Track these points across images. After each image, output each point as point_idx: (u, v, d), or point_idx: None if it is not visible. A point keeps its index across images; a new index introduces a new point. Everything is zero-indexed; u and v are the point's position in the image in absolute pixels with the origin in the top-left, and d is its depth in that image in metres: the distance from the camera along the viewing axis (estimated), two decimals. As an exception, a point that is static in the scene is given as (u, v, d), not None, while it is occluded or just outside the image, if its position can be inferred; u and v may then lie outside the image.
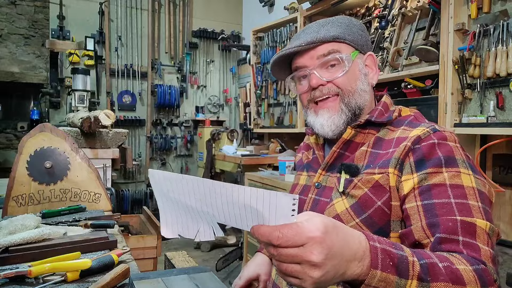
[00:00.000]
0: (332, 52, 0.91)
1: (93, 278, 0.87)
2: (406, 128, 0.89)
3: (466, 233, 0.71)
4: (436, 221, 0.74)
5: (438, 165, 0.79)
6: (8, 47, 4.92)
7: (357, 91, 0.93)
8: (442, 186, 0.77)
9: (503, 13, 1.65)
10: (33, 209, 1.36)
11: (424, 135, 0.83)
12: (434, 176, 0.78)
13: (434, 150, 0.80)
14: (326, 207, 0.90)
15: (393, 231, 0.83)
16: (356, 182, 0.87)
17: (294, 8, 3.56)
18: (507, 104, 1.63)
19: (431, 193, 0.77)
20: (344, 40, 0.92)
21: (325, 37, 0.91)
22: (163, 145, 5.10)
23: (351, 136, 0.93)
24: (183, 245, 4.62)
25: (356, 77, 0.93)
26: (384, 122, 0.92)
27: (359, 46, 0.95)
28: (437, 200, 0.76)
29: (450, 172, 0.78)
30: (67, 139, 1.49)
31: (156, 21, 5.05)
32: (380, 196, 0.83)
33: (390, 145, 0.88)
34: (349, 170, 0.89)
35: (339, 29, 0.93)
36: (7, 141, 5.27)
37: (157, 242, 1.79)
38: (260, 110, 3.90)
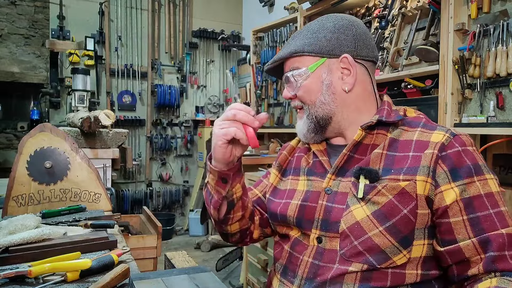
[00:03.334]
0: (292, 68, 0.96)
1: (93, 278, 0.87)
2: (424, 131, 0.87)
3: (511, 246, 0.77)
4: (487, 238, 0.77)
5: (470, 174, 0.81)
6: (8, 47, 4.92)
7: (316, 104, 0.94)
8: (480, 197, 0.80)
9: (503, 13, 1.65)
10: (33, 209, 1.36)
11: (446, 141, 0.83)
12: (470, 187, 0.80)
13: (462, 158, 0.82)
14: (342, 214, 0.86)
15: (417, 239, 0.82)
16: (380, 189, 0.83)
17: (294, 8, 3.56)
18: (507, 104, 1.63)
19: (473, 206, 0.79)
20: (302, 53, 0.93)
21: (283, 56, 0.97)
22: (163, 145, 5.10)
23: (361, 138, 0.90)
24: (183, 245, 4.62)
25: (316, 90, 0.93)
26: (394, 122, 0.90)
27: (325, 52, 0.92)
28: (480, 213, 0.79)
29: (480, 181, 0.81)
30: (67, 139, 1.49)
31: (156, 21, 5.05)
32: (406, 204, 0.81)
33: (408, 148, 0.85)
34: (370, 175, 0.84)
35: (302, 41, 0.94)
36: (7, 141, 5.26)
37: (157, 242, 1.78)
38: (260, 110, 3.90)
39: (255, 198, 1.14)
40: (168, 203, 5.19)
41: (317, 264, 0.86)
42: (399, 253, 0.81)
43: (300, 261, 0.90)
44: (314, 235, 0.89)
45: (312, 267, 0.87)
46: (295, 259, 0.91)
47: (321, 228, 0.89)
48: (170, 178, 5.20)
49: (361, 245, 0.82)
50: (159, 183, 5.18)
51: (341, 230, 0.85)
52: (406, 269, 0.82)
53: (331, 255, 0.86)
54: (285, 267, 0.93)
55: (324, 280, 0.84)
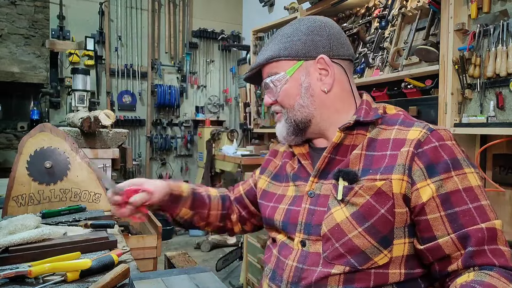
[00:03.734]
0: (270, 74, 0.96)
1: (93, 278, 0.87)
2: (401, 128, 0.87)
3: (490, 240, 0.76)
4: (465, 233, 0.76)
5: (447, 169, 0.80)
6: (8, 47, 4.92)
7: (294, 108, 0.94)
8: (458, 192, 0.79)
9: (503, 13, 1.65)
10: (33, 209, 1.36)
11: (423, 138, 0.82)
12: (447, 182, 0.79)
13: (439, 154, 0.81)
14: (323, 216, 0.86)
15: (397, 238, 0.82)
16: (357, 190, 0.83)
17: (294, 8, 3.56)
18: (507, 104, 1.63)
19: (451, 201, 0.78)
20: (278, 58, 0.94)
21: (260, 62, 0.98)
22: (163, 145, 5.10)
23: (341, 139, 0.90)
24: (183, 245, 4.62)
25: (295, 93, 0.94)
26: (373, 121, 0.90)
27: (301, 55, 0.93)
28: (458, 209, 0.78)
29: (459, 176, 0.80)
30: (67, 139, 1.49)
31: (156, 21, 5.05)
32: (384, 204, 0.81)
33: (386, 147, 0.85)
34: (348, 176, 0.85)
35: (277, 46, 0.95)
36: (7, 141, 5.27)
37: (157, 242, 1.79)
38: (260, 110, 3.90)
39: (238, 195, 1.20)
40: (168, 203, 5.18)
41: (301, 267, 0.87)
42: (380, 253, 0.81)
43: (286, 265, 0.90)
44: (298, 238, 0.90)
45: (296, 271, 0.87)
46: (282, 263, 0.92)
47: (304, 231, 0.89)
48: (170, 178, 5.20)
49: (342, 247, 0.83)
50: (159, 183, 5.17)
51: (322, 233, 0.85)
52: (389, 269, 0.82)
53: (314, 258, 0.86)
54: (273, 272, 0.94)
55: (309, 283, 0.84)
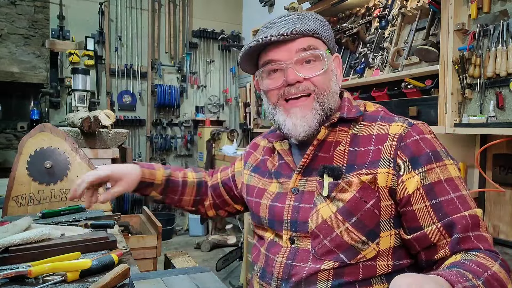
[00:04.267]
0: (311, 47, 0.86)
1: (93, 278, 0.87)
2: (382, 124, 0.87)
3: (474, 227, 0.78)
4: (451, 221, 0.78)
5: (429, 161, 0.81)
6: (8, 47, 4.92)
7: (331, 92, 0.89)
8: (440, 183, 0.80)
9: (503, 13, 1.65)
10: (33, 209, 1.36)
11: (404, 132, 0.83)
12: (430, 173, 0.81)
13: (420, 146, 0.82)
14: (309, 213, 0.86)
15: (383, 230, 0.83)
16: (343, 185, 0.83)
17: (294, 8, 3.55)
18: (507, 104, 1.63)
19: (435, 192, 0.80)
20: (321, 36, 0.88)
21: (306, 30, 0.85)
22: (163, 145, 5.10)
23: (324, 136, 0.89)
24: (183, 245, 4.62)
25: (330, 77, 0.90)
26: (356, 118, 0.89)
27: (330, 45, 0.92)
28: (442, 198, 0.80)
29: (440, 167, 0.82)
30: (67, 139, 1.49)
31: (156, 21, 5.05)
32: (369, 198, 0.82)
33: (369, 142, 0.86)
34: (333, 172, 0.84)
35: (316, 24, 0.89)
36: (7, 141, 5.27)
37: (157, 242, 1.79)
38: (260, 110, 3.90)
39: (214, 182, 1.20)
40: (168, 203, 5.18)
41: (290, 264, 0.87)
42: (368, 246, 0.82)
43: (275, 263, 0.90)
44: (286, 236, 0.90)
45: (286, 268, 0.87)
46: (271, 260, 0.91)
47: (291, 229, 0.89)
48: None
49: (330, 243, 0.83)
50: (159, 183, 5.18)
51: (310, 230, 0.85)
52: (377, 261, 0.83)
53: (304, 255, 0.87)
54: (263, 270, 0.94)
55: (299, 280, 0.85)
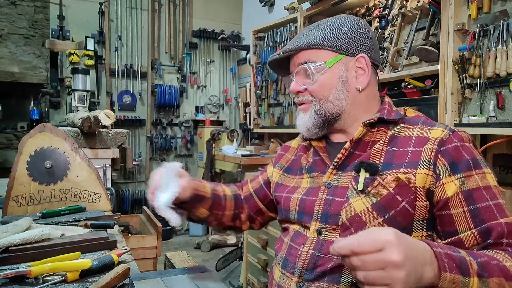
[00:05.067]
0: (308, 61, 0.95)
1: (93, 278, 0.87)
2: (423, 127, 0.90)
3: (509, 235, 0.78)
4: (486, 228, 0.79)
5: (468, 168, 0.83)
6: (8, 47, 4.92)
7: (328, 100, 0.94)
8: (479, 189, 0.82)
9: (503, 13, 1.65)
10: (33, 209, 1.36)
11: (445, 137, 0.85)
12: (469, 180, 0.82)
13: (460, 153, 0.84)
14: (342, 206, 0.88)
15: (415, 230, 0.84)
16: (380, 181, 0.85)
17: (294, 8, 3.55)
18: (507, 104, 1.63)
19: (473, 198, 0.81)
20: (321, 46, 0.94)
21: (300, 46, 0.95)
22: (163, 145, 5.10)
23: (362, 135, 0.93)
24: (183, 245, 4.62)
25: (331, 85, 0.94)
26: (395, 120, 0.93)
27: (344, 49, 0.94)
28: (480, 205, 0.80)
29: (479, 175, 0.83)
30: (67, 139, 1.49)
31: (156, 21, 5.05)
32: (405, 196, 0.83)
33: (408, 143, 0.88)
34: (370, 168, 0.87)
35: (321, 34, 0.95)
36: (7, 141, 5.26)
37: (157, 242, 1.79)
38: (260, 110, 3.90)
39: (247, 194, 1.18)
40: (168, 203, 5.18)
41: (316, 255, 0.88)
42: None
43: (300, 253, 0.91)
44: (314, 227, 0.91)
45: (312, 258, 0.88)
46: (295, 250, 0.93)
47: (321, 220, 0.91)
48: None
49: None
50: (159, 183, 5.17)
51: (341, 222, 0.87)
52: None
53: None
54: (285, 259, 0.95)
55: (324, 270, 0.86)
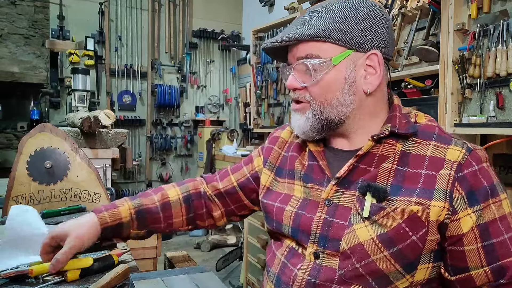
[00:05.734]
0: (310, 56, 0.79)
1: (93, 278, 0.87)
2: (438, 145, 0.79)
3: None
4: (500, 266, 0.74)
5: (486, 198, 0.76)
6: (8, 47, 4.92)
7: (331, 104, 0.80)
8: (495, 222, 0.76)
9: (503, 13, 1.65)
10: (33, 209, 1.36)
11: (463, 160, 0.76)
12: (486, 212, 0.76)
13: (479, 179, 0.76)
14: (343, 231, 0.78)
15: (422, 263, 0.78)
16: (389, 211, 0.75)
17: (294, 8, 3.55)
18: (507, 104, 1.63)
19: (489, 232, 0.75)
20: (327, 38, 0.77)
21: (301, 36, 0.79)
22: (163, 145, 5.10)
23: (369, 148, 0.81)
24: (183, 245, 4.62)
25: (335, 87, 0.80)
26: (407, 134, 0.80)
27: (354, 44, 0.78)
28: (495, 240, 0.75)
29: (495, 203, 0.76)
30: (67, 139, 1.49)
31: (156, 21, 5.05)
32: (416, 230, 0.74)
33: (421, 164, 0.78)
34: (378, 193, 0.76)
35: (328, 23, 0.78)
36: (7, 141, 5.27)
37: (157, 242, 1.79)
38: (260, 110, 3.90)
39: (229, 187, 1.05)
40: (168, 203, 5.18)
41: (313, 282, 0.80)
42: (403, 277, 0.77)
43: (295, 276, 0.82)
44: (311, 249, 0.82)
45: (308, 285, 0.80)
46: (289, 271, 0.84)
47: (319, 243, 0.81)
48: (170, 178, 5.20)
49: (363, 268, 0.77)
50: (159, 183, 5.18)
51: (341, 250, 0.78)
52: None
53: (329, 274, 0.79)
54: (278, 277, 0.87)
55: None
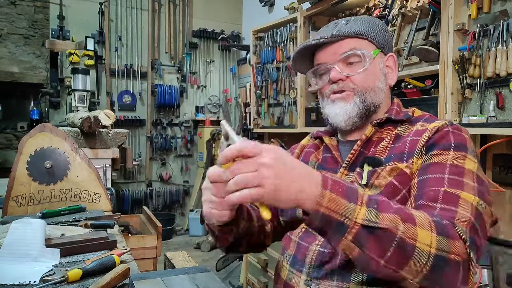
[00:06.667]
0: (354, 49, 0.93)
1: (94, 278, 0.87)
2: (424, 123, 0.91)
3: (446, 202, 0.74)
4: (422, 193, 0.78)
5: (446, 148, 0.82)
6: (8, 47, 4.91)
7: (374, 89, 0.94)
8: (441, 164, 0.80)
9: (503, 13, 1.65)
10: (33, 209, 1.36)
11: (442, 126, 0.86)
12: (437, 157, 0.82)
13: (447, 136, 0.84)
14: None
15: None
16: (380, 172, 0.86)
17: (294, 8, 3.55)
18: (507, 104, 1.63)
19: (427, 170, 0.81)
20: (366, 36, 0.94)
21: (347, 32, 0.93)
22: (163, 145, 5.10)
23: (371, 134, 0.94)
24: (183, 245, 4.62)
25: (375, 75, 0.95)
26: (403, 120, 0.94)
27: (380, 45, 0.96)
28: (431, 175, 0.79)
29: (456, 154, 0.81)
30: (67, 139, 1.49)
31: (156, 21, 5.05)
32: (406, 184, 0.84)
33: (408, 136, 0.90)
34: (373, 162, 0.88)
35: (362, 26, 0.95)
36: (7, 141, 5.26)
37: (157, 242, 1.79)
38: (260, 110, 3.90)
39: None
40: (168, 203, 5.19)
41: (323, 251, 0.86)
42: None
43: (309, 251, 0.89)
44: None
45: (319, 255, 0.87)
46: (304, 248, 0.91)
47: None
48: (170, 178, 5.20)
49: None
50: (159, 183, 5.18)
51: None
52: None
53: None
54: (294, 257, 0.93)
55: (333, 268, 0.84)
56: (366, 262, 0.67)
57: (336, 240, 0.67)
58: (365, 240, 0.65)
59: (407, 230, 0.65)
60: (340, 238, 0.66)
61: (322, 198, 0.64)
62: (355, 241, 0.65)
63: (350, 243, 0.66)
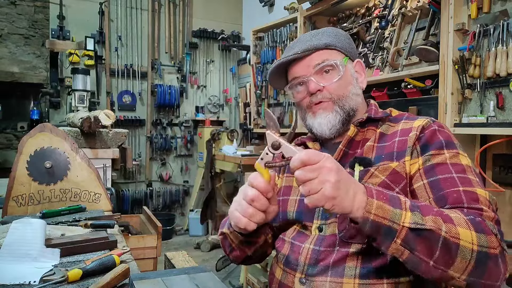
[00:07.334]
0: (326, 60, 0.98)
1: (94, 278, 0.87)
2: (407, 121, 0.96)
3: (470, 200, 0.79)
4: (442, 195, 0.81)
5: (440, 147, 0.87)
6: (8, 47, 4.91)
7: (349, 96, 0.99)
8: (444, 164, 0.85)
9: (503, 13, 1.65)
10: (33, 209, 1.36)
11: (426, 124, 0.91)
12: (436, 157, 0.86)
13: (435, 135, 0.89)
14: None
15: None
16: (373, 171, 0.89)
17: (294, 8, 3.55)
18: (507, 104, 1.63)
19: (435, 171, 0.84)
20: (335, 47, 0.99)
21: (318, 45, 0.98)
22: (163, 145, 5.10)
23: (354, 134, 0.97)
24: (183, 245, 4.62)
25: (348, 82, 1.00)
26: (383, 118, 0.99)
27: (348, 53, 1.01)
28: (441, 176, 0.83)
29: (450, 153, 0.86)
30: (67, 139, 1.49)
31: (156, 21, 5.04)
32: (398, 183, 0.87)
33: (395, 136, 0.93)
34: (363, 162, 0.91)
35: (329, 38, 1.00)
36: (7, 141, 5.26)
37: (157, 242, 1.79)
38: (260, 110, 3.90)
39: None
40: (168, 203, 5.19)
41: (317, 249, 0.89)
42: None
43: (302, 249, 0.92)
44: (316, 225, 0.93)
45: (313, 253, 0.89)
46: (297, 247, 0.94)
47: (321, 217, 0.93)
48: (170, 178, 5.20)
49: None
50: (159, 183, 5.18)
51: (338, 214, 0.88)
52: None
53: (331, 240, 0.89)
54: (287, 257, 0.95)
55: (327, 265, 0.86)
56: (417, 263, 0.72)
57: (386, 245, 0.72)
58: (414, 242, 0.70)
59: (449, 230, 0.70)
60: (390, 242, 0.71)
61: (371, 206, 0.70)
62: (404, 244, 0.70)
63: (400, 246, 0.70)
